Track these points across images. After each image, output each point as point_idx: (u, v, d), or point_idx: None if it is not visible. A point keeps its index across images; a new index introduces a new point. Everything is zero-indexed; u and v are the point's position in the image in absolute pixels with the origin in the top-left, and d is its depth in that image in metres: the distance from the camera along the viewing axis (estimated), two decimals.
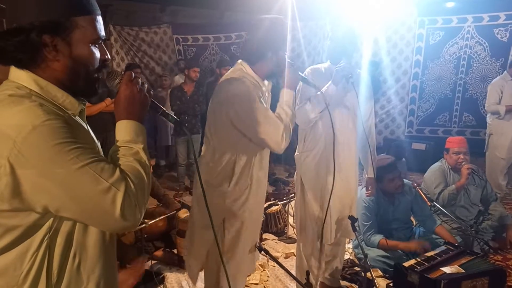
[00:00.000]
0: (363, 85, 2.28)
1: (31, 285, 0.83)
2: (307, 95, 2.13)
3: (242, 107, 1.61)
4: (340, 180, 2.21)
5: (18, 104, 0.78)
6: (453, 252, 2.56)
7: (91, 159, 0.80)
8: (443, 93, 6.17)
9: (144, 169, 0.89)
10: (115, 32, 6.21)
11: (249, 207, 1.80)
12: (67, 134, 0.78)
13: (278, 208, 3.63)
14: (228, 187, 1.73)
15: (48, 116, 0.78)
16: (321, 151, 2.22)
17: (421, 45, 6.14)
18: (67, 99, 0.89)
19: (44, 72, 0.86)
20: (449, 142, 3.32)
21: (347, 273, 2.79)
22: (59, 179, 0.77)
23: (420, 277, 2.26)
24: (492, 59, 5.77)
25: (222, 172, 1.73)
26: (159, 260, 3.03)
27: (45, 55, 0.84)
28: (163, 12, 7.01)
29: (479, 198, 3.26)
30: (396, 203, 2.96)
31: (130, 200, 0.82)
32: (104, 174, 0.80)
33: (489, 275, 2.28)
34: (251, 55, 1.70)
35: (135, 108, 0.95)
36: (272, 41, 1.68)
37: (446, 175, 3.25)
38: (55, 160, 0.76)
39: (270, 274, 2.87)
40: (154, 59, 6.68)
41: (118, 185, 0.81)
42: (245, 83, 1.64)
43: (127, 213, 0.81)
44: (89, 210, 0.81)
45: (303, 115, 2.12)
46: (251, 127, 1.63)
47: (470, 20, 5.78)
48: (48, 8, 0.83)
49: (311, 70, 2.25)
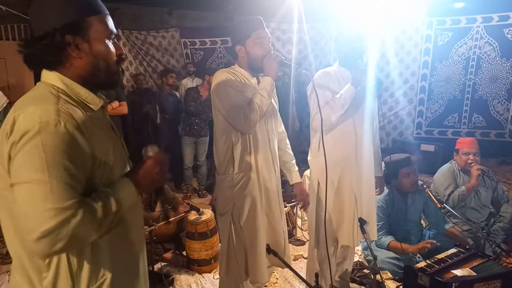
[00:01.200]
0: (370, 86, 2.26)
1: (55, 272, 0.94)
2: (325, 99, 2.12)
3: (214, 89, 1.84)
4: (362, 182, 2.21)
5: (42, 103, 0.90)
6: (464, 255, 2.53)
7: (59, 177, 0.85)
8: (452, 94, 6.11)
9: (99, 218, 0.90)
10: (123, 37, 6.27)
11: (256, 191, 1.91)
12: (60, 147, 0.86)
13: (286, 210, 3.62)
14: (233, 172, 1.88)
15: (52, 129, 0.86)
16: (342, 154, 2.19)
17: (429, 46, 6.09)
18: (89, 96, 1.01)
19: (69, 71, 0.99)
20: (459, 143, 3.29)
21: (356, 276, 2.78)
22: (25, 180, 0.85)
23: (431, 280, 2.23)
24: (502, 59, 5.70)
25: (225, 158, 1.89)
26: (169, 262, 3.04)
27: (69, 54, 0.97)
28: (170, 15, 7.06)
29: (489, 200, 3.22)
30: (409, 203, 2.94)
31: (59, 232, 0.84)
32: (58, 197, 0.84)
33: (501, 278, 2.25)
34: (233, 53, 1.94)
35: (145, 181, 1.03)
36: (236, 35, 1.89)
37: (456, 177, 3.22)
38: (32, 164, 0.85)
39: (279, 276, 2.86)
40: (162, 63, 6.73)
41: (61, 213, 0.84)
42: (223, 71, 1.86)
43: (45, 241, 0.83)
44: (21, 217, 0.87)
45: (324, 118, 2.07)
46: (222, 107, 1.82)
47: (479, 20, 5.73)
48: (65, 12, 0.95)
49: (322, 73, 2.22)
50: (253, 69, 1.91)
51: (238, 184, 1.88)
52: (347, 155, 2.20)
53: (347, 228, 2.23)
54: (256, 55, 1.84)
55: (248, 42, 1.85)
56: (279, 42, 6.72)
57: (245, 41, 1.85)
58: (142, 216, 1.21)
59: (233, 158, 1.87)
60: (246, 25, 1.86)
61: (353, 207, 2.22)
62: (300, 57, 6.64)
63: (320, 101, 2.10)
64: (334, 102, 2.08)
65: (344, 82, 2.17)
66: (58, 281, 0.95)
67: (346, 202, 2.23)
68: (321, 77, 2.19)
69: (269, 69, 1.82)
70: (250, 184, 1.89)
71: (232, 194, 1.89)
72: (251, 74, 1.92)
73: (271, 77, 1.82)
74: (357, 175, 2.22)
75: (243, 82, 1.87)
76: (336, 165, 2.20)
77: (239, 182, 1.88)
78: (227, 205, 1.91)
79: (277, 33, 6.67)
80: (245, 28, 1.86)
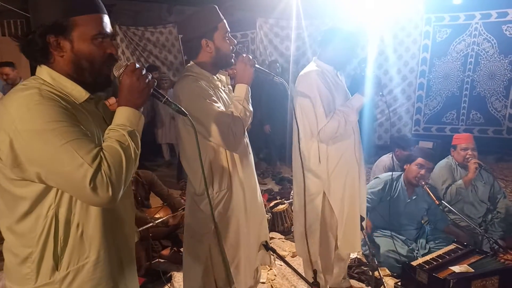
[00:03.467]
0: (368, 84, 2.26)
1: (42, 247, 0.98)
2: (330, 108, 2.05)
3: (188, 104, 1.53)
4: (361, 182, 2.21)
5: (25, 90, 0.94)
6: (462, 251, 2.54)
7: (73, 137, 0.90)
8: (450, 91, 6.11)
9: (124, 150, 0.95)
10: (121, 32, 6.23)
11: (238, 208, 1.75)
12: (56, 115, 0.91)
13: (284, 207, 3.62)
14: (213, 192, 1.69)
15: (42, 100, 0.91)
16: (343, 155, 2.16)
17: (427, 43, 6.08)
18: (75, 89, 1.02)
19: (55, 66, 1.01)
20: (456, 139, 3.30)
21: (355, 272, 2.78)
22: (45, 154, 0.89)
23: (429, 276, 2.24)
24: (500, 56, 5.70)
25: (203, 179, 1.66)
26: (167, 259, 3.04)
27: (52, 52, 1.00)
28: (169, 11, 7.02)
29: (487, 195, 3.22)
30: (412, 197, 2.95)
31: (102, 177, 0.89)
32: (81, 151, 0.89)
33: (499, 274, 2.26)
34: (189, 48, 1.69)
35: (133, 96, 1.02)
36: (202, 27, 1.63)
37: (453, 171, 3.24)
38: (42, 138, 0.89)
39: (277, 273, 2.86)
40: (160, 59, 6.70)
41: (91, 161, 0.89)
42: (190, 80, 1.61)
43: (97, 188, 0.89)
44: (66, 182, 0.91)
45: (331, 133, 2.04)
46: (200, 126, 1.57)
47: (478, 16, 5.72)
48: (49, 12, 0.98)
49: (317, 76, 2.07)
50: (219, 66, 1.72)
51: (220, 204, 1.70)
52: (349, 161, 2.17)
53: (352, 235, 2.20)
54: (226, 50, 1.66)
55: (216, 35, 1.64)
56: (278, 38, 6.69)
57: (213, 34, 1.63)
58: (132, 208, 1.23)
59: (212, 177, 1.68)
60: (211, 16, 1.64)
61: (357, 210, 2.20)
62: (298, 53, 6.62)
63: (326, 110, 2.02)
64: (343, 118, 2.01)
65: (332, 79, 2.12)
66: (44, 256, 0.99)
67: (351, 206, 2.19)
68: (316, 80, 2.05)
69: (243, 75, 1.65)
70: (233, 201, 1.73)
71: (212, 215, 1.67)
72: (212, 74, 1.71)
73: (246, 84, 1.66)
74: (359, 177, 2.20)
75: (214, 85, 1.69)
76: (341, 173, 2.15)
77: (221, 201, 1.70)
78: (206, 227, 1.71)
79: (275, 30, 6.65)
80: (210, 20, 1.63)
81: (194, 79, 1.62)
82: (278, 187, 4.95)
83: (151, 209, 3.30)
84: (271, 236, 3.47)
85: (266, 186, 4.97)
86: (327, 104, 2.04)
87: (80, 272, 1.02)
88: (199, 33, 1.64)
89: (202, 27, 1.64)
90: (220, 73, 1.79)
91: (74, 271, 1.01)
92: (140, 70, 1.03)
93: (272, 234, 3.51)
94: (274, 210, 3.57)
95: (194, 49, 1.67)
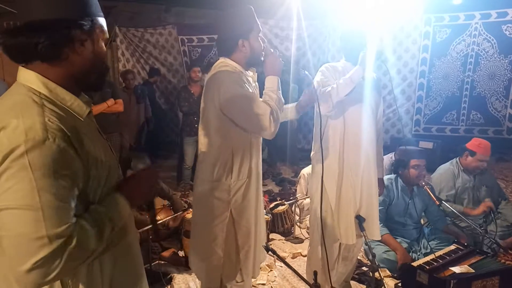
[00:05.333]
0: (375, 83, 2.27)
1: None
2: (328, 83, 2.10)
3: (229, 94, 1.63)
4: (362, 177, 2.20)
5: (27, 113, 0.81)
6: (462, 252, 2.53)
7: (51, 201, 0.79)
8: (450, 91, 6.10)
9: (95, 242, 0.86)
10: (120, 34, 6.24)
11: (252, 198, 1.84)
12: (50, 167, 0.79)
13: (285, 208, 3.61)
14: (230, 179, 1.76)
15: (45, 137, 0.79)
16: (342, 148, 2.18)
17: (427, 43, 6.08)
18: (75, 102, 0.93)
19: (61, 67, 0.91)
20: (478, 147, 3.11)
21: (355, 273, 2.77)
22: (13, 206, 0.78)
23: (430, 277, 2.23)
24: (500, 56, 5.69)
25: (221, 165, 1.75)
26: (167, 261, 3.04)
27: (72, 49, 0.90)
28: (168, 13, 7.02)
29: (488, 198, 3.21)
30: (413, 196, 2.96)
31: (53, 262, 0.78)
32: (50, 222, 0.78)
33: (499, 274, 2.25)
34: (224, 47, 1.77)
35: (136, 196, 1.02)
36: (238, 28, 1.71)
37: (455, 178, 3.18)
38: (19, 189, 0.77)
39: (277, 274, 2.86)
40: (160, 60, 6.70)
41: (54, 241, 0.78)
42: (228, 72, 1.70)
43: (37, 273, 0.77)
44: (10, 245, 0.79)
45: (326, 99, 2.05)
46: (240, 112, 1.67)
47: (477, 17, 5.71)
48: (76, 7, 0.91)
49: (330, 66, 2.21)
50: (251, 64, 1.81)
51: (238, 192, 1.77)
52: (349, 151, 2.19)
53: (344, 225, 2.22)
54: (259, 49, 1.76)
55: (252, 35, 1.73)
56: (278, 39, 6.70)
57: (249, 34, 1.72)
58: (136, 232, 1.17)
59: (232, 166, 1.75)
60: (247, 17, 1.72)
61: (352, 203, 2.21)
62: (299, 54, 6.63)
63: (323, 85, 2.10)
64: (339, 82, 2.04)
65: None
66: None
67: (345, 198, 2.22)
68: (328, 68, 2.18)
69: (272, 68, 1.75)
70: (250, 191, 1.81)
71: (228, 202, 1.77)
72: (243, 67, 1.80)
73: (276, 75, 1.75)
74: (359, 172, 2.20)
75: (247, 79, 1.79)
76: (339, 161, 2.19)
77: (239, 190, 1.78)
78: (221, 215, 1.77)
79: (275, 30, 6.65)
80: (248, 20, 1.72)
81: (232, 71, 1.70)
82: (278, 188, 4.95)
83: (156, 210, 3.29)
84: (271, 237, 3.46)
85: (267, 187, 4.96)
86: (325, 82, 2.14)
87: None
88: (237, 33, 1.72)
89: (239, 27, 1.72)
90: (250, 70, 1.87)
91: None
92: (156, 178, 1.07)
93: (272, 235, 3.51)
94: (274, 211, 3.57)
95: (229, 48, 1.75)
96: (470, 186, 3.18)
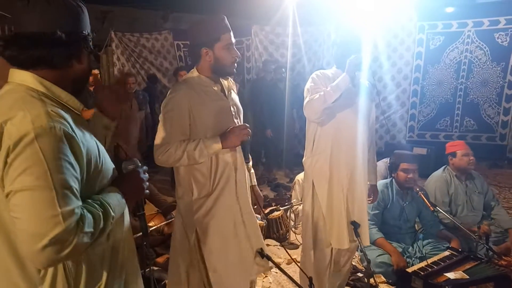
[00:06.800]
0: (367, 89, 2.27)
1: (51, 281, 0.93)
2: (317, 91, 2.10)
3: (162, 111, 1.70)
4: (353, 182, 2.20)
5: (30, 107, 0.87)
6: (457, 258, 2.54)
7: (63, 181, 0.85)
8: (444, 98, 6.17)
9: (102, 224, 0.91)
10: (116, 39, 6.23)
11: (225, 214, 1.76)
12: (59, 151, 0.85)
13: (280, 214, 3.61)
14: (191, 196, 1.74)
15: (51, 125, 0.86)
16: (333, 153, 2.18)
17: (421, 50, 6.15)
18: (70, 99, 1.00)
19: (63, 72, 0.98)
20: (453, 146, 3.27)
21: (350, 279, 2.77)
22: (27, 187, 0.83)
23: (424, 283, 2.24)
24: (493, 63, 5.77)
25: (183, 181, 1.76)
26: (161, 267, 3.01)
27: (78, 59, 1.00)
28: (165, 18, 7.05)
29: (482, 204, 3.24)
30: (408, 200, 2.98)
31: (68, 237, 0.83)
32: (63, 202, 0.84)
33: (494, 280, 2.27)
34: (191, 54, 1.83)
35: (129, 194, 1.06)
36: (203, 36, 1.70)
37: (448, 185, 3.20)
38: (33, 171, 0.83)
39: (272, 280, 2.85)
40: (155, 65, 6.70)
41: (67, 218, 0.83)
42: (176, 89, 1.72)
43: (52, 249, 0.81)
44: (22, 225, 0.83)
45: (313, 106, 2.06)
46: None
47: (470, 24, 5.80)
48: (84, 22, 1.00)
49: (320, 73, 2.21)
50: (218, 74, 1.78)
51: (201, 210, 1.77)
52: (340, 157, 2.19)
53: (336, 230, 2.22)
54: (225, 61, 1.72)
55: (217, 46, 1.69)
56: (273, 45, 6.73)
57: (213, 44, 1.69)
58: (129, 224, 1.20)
59: (192, 182, 1.76)
60: (215, 27, 1.69)
61: (343, 208, 2.20)
62: (294, 60, 6.66)
63: (312, 92, 2.10)
64: (327, 90, 2.04)
65: None
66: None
67: (336, 203, 2.21)
68: (318, 75, 2.19)
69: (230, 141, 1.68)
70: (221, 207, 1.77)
71: (192, 219, 1.77)
72: (212, 79, 1.77)
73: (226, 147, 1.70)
74: (349, 178, 2.20)
75: (210, 90, 1.75)
76: (330, 166, 2.19)
77: (196, 206, 1.77)
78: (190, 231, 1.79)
79: (271, 37, 6.69)
80: (214, 30, 1.69)
81: (176, 88, 1.73)
82: (274, 193, 4.94)
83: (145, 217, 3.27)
84: (266, 243, 3.45)
85: (262, 192, 4.94)
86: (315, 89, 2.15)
87: None
88: (200, 41, 1.71)
89: (204, 36, 1.70)
90: (223, 79, 1.84)
91: None
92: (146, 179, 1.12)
93: (267, 241, 3.49)
94: (269, 217, 3.56)
95: (195, 56, 1.76)
96: (463, 192, 3.20)
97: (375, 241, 2.83)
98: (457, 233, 3.07)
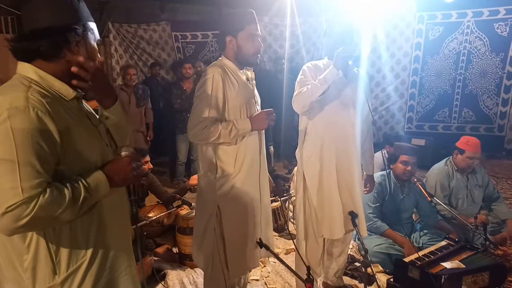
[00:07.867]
0: (361, 81, 2.25)
1: (34, 251, 1.00)
2: (306, 83, 2.10)
3: (197, 89, 1.83)
4: (345, 173, 2.21)
5: (13, 91, 0.97)
6: (453, 247, 2.56)
7: (27, 158, 0.91)
8: (442, 89, 6.16)
9: (67, 201, 0.96)
10: (113, 30, 6.17)
11: (245, 194, 1.89)
12: (28, 131, 0.92)
13: (278, 205, 3.63)
14: (215, 174, 1.86)
15: (26, 106, 0.93)
16: (324, 145, 2.19)
17: (420, 41, 6.12)
18: (63, 87, 1.07)
19: (59, 64, 1.06)
20: (466, 144, 3.08)
21: (348, 269, 2.80)
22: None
23: (421, 272, 2.26)
24: (492, 54, 5.75)
25: (206, 162, 1.88)
26: (161, 257, 3.03)
27: (68, 49, 1.06)
28: (162, 9, 6.97)
29: (481, 197, 3.24)
30: (405, 192, 2.99)
31: (23, 209, 0.89)
32: (24, 176, 0.90)
33: (489, 270, 2.29)
34: (218, 43, 1.93)
35: (117, 177, 1.10)
36: (228, 25, 1.85)
37: (449, 178, 3.18)
38: (2, 146, 0.91)
39: (271, 270, 2.87)
40: (153, 56, 6.65)
41: (26, 191, 0.90)
42: (209, 69, 1.82)
43: (9, 217, 0.88)
44: None
45: (300, 99, 2.08)
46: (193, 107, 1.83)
47: (469, 15, 5.76)
48: (70, 15, 1.07)
49: (311, 65, 2.21)
50: (242, 63, 1.91)
51: (223, 188, 1.91)
52: (331, 149, 2.19)
53: (328, 220, 2.23)
54: (247, 51, 1.85)
55: (241, 35, 1.82)
56: (271, 36, 6.69)
57: (237, 33, 1.82)
58: (126, 206, 1.27)
59: (216, 161, 1.89)
60: (241, 17, 1.83)
61: (335, 199, 2.21)
62: (293, 51, 6.63)
63: (301, 85, 2.12)
64: (314, 83, 2.04)
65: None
66: (38, 262, 1.01)
67: (328, 194, 2.22)
68: (309, 67, 2.19)
69: (259, 123, 1.89)
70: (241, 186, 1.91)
71: (214, 196, 1.89)
72: (238, 67, 1.91)
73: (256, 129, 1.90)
74: (342, 170, 2.21)
75: (236, 77, 1.87)
76: (320, 158, 2.20)
77: (219, 184, 1.90)
78: (211, 207, 1.91)
79: (269, 27, 6.64)
80: (239, 20, 1.82)
81: (208, 72, 1.81)
82: (272, 184, 4.96)
83: (145, 207, 3.28)
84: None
85: None
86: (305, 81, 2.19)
87: (79, 271, 1.06)
88: (226, 29, 1.85)
89: (229, 25, 1.85)
90: (246, 69, 1.96)
91: (73, 272, 1.05)
92: (138, 165, 1.15)
93: None
94: None
95: (221, 44, 1.89)
96: (464, 186, 3.18)
97: (384, 233, 2.86)
98: (454, 224, 3.09)
